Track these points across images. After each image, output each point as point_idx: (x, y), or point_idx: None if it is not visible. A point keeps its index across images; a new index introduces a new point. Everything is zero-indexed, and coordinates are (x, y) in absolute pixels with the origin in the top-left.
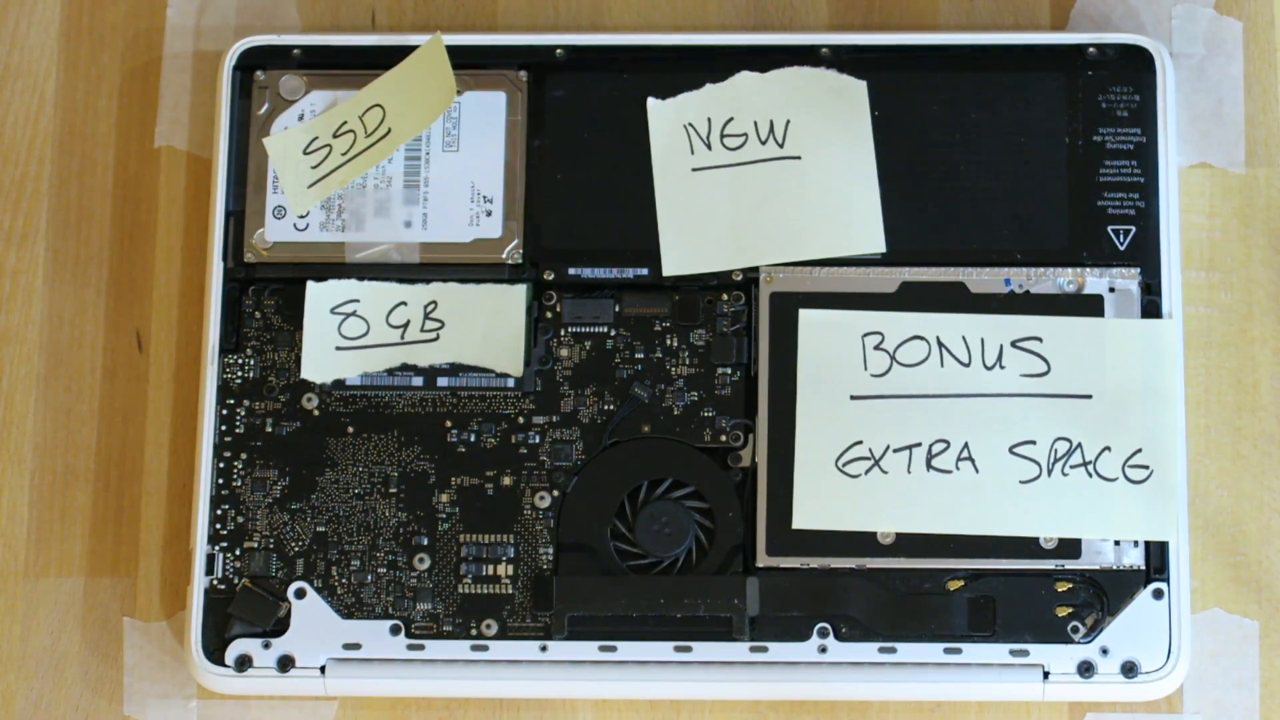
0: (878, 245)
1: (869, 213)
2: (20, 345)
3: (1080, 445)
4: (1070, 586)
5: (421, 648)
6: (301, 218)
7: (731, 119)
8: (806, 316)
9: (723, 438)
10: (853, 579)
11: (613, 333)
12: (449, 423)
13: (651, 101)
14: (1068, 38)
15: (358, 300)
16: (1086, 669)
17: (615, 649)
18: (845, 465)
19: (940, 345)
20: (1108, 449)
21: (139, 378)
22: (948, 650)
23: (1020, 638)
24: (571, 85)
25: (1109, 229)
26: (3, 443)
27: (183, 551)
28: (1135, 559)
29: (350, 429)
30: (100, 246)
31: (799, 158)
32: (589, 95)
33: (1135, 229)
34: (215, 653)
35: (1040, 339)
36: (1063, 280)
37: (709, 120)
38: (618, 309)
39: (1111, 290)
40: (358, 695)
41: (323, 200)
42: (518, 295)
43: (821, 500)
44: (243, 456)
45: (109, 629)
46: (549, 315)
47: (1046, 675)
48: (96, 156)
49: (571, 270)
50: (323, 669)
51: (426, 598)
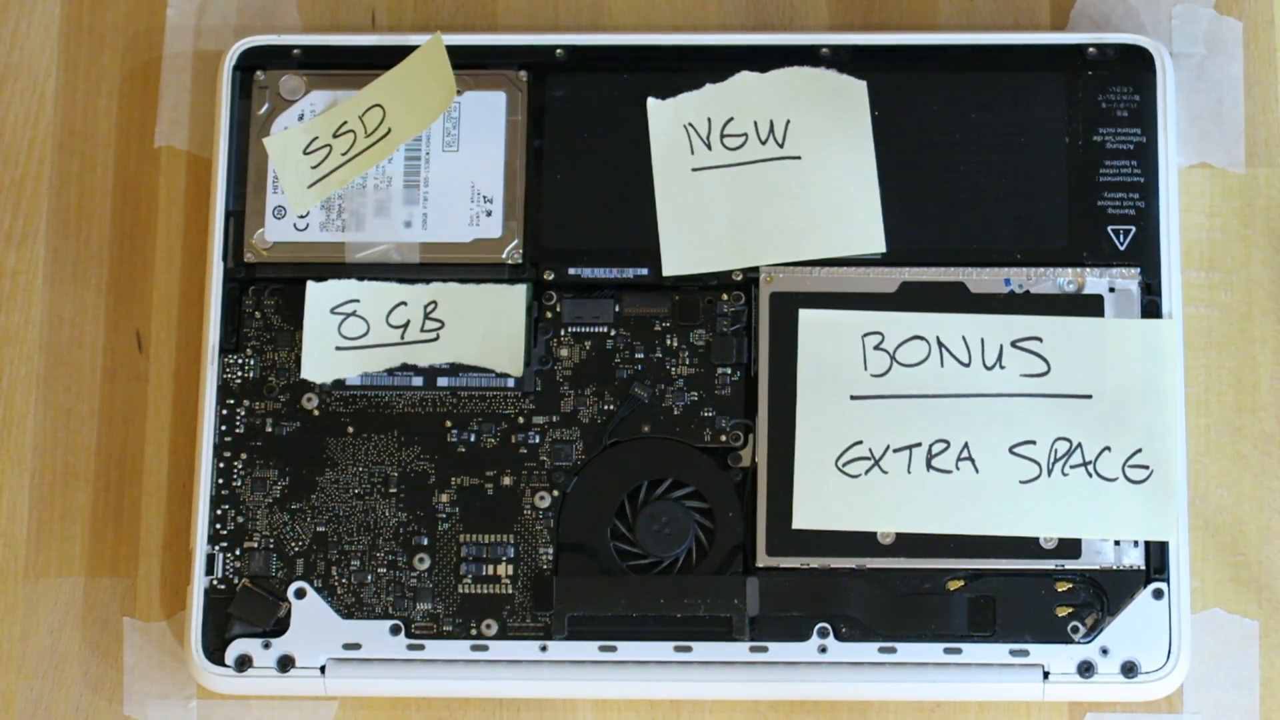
0: (878, 245)
1: (869, 213)
2: (20, 345)
3: (1080, 445)
4: (1070, 586)
5: (421, 648)
6: (301, 218)
7: (731, 119)
8: (806, 316)
9: (723, 438)
10: (853, 579)
11: (613, 333)
12: (449, 423)
13: (651, 101)
14: (1068, 38)
15: (358, 300)
16: (1086, 669)
17: (615, 649)
18: (845, 465)
19: (940, 345)
20: (1108, 449)
21: (139, 378)
22: (948, 650)
23: (1020, 638)
24: (571, 85)
25: (1109, 229)
26: (3, 443)
27: (183, 551)
28: (1135, 559)
29: (350, 429)
30: (100, 246)
31: (799, 158)
32: (589, 95)
33: (1135, 229)
34: (215, 653)
35: (1040, 339)
36: (1063, 280)
37: (709, 120)
38: (618, 309)
39: (1111, 290)
40: (358, 695)
41: (323, 200)
42: (518, 295)
43: (821, 500)
44: (243, 456)
45: (109, 629)
46: (549, 315)
47: (1046, 675)
48: (96, 156)
49: (571, 270)
50: (323, 669)
51: (426, 598)
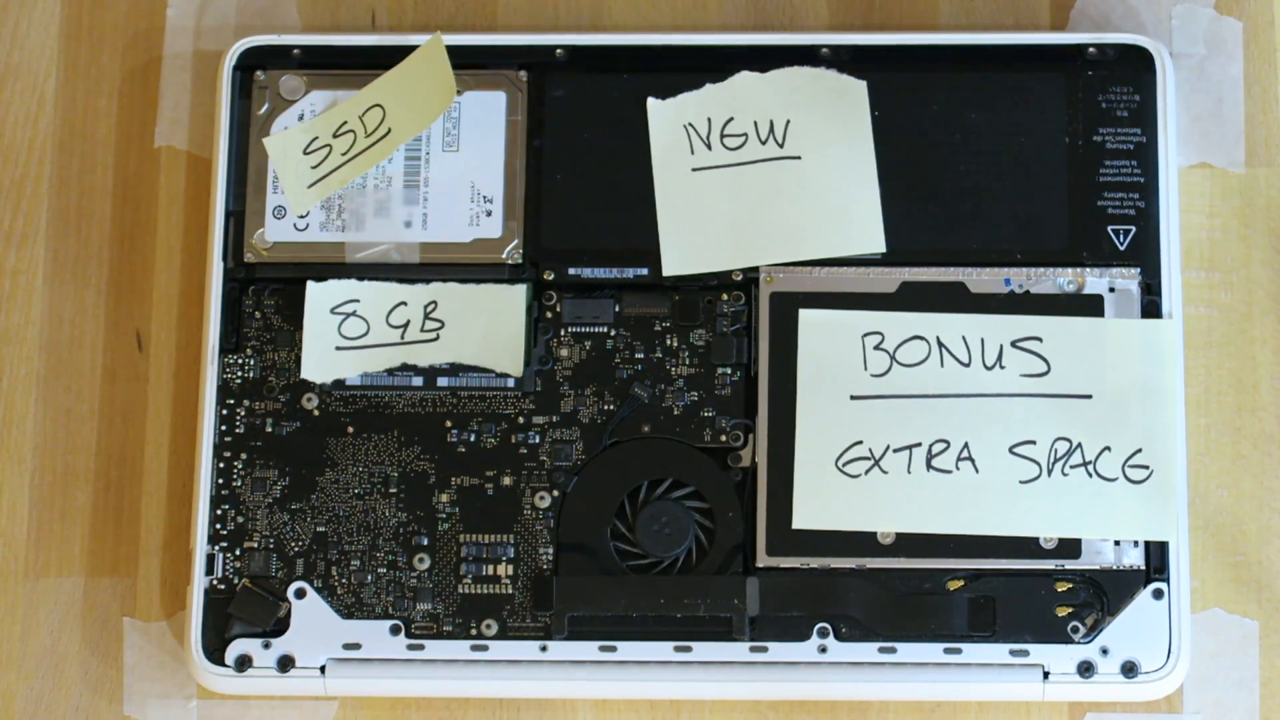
0: (878, 245)
1: (869, 213)
2: (20, 345)
3: (1080, 445)
4: (1070, 586)
5: (421, 648)
6: (301, 218)
7: (731, 119)
8: (806, 316)
9: (723, 438)
10: (853, 579)
11: (613, 333)
12: (449, 423)
13: (651, 101)
14: (1068, 38)
15: (358, 300)
16: (1086, 669)
17: (615, 649)
18: (845, 465)
19: (940, 345)
20: (1108, 449)
21: (139, 378)
22: (948, 650)
23: (1020, 638)
24: (571, 85)
25: (1109, 229)
26: (3, 443)
27: (183, 551)
28: (1135, 559)
29: (350, 429)
30: (100, 246)
31: (799, 158)
32: (589, 95)
33: (1135, 229)
34: (215, 653)
35: (1040, 339)
36: (1063, 280)
37: (709, 120)
38: (618, 309)
39: (1111, 290)
40: (358, 695)
41: (323, 200)
42: (518, 295)
43: (821, 500)
44: (243, 456)
45: (109, 629)
46: (549, 315)
47: (1046, 675)
48: (96, 156)
49: (571, 270)
50: (323, 669)
51: (426, 598)
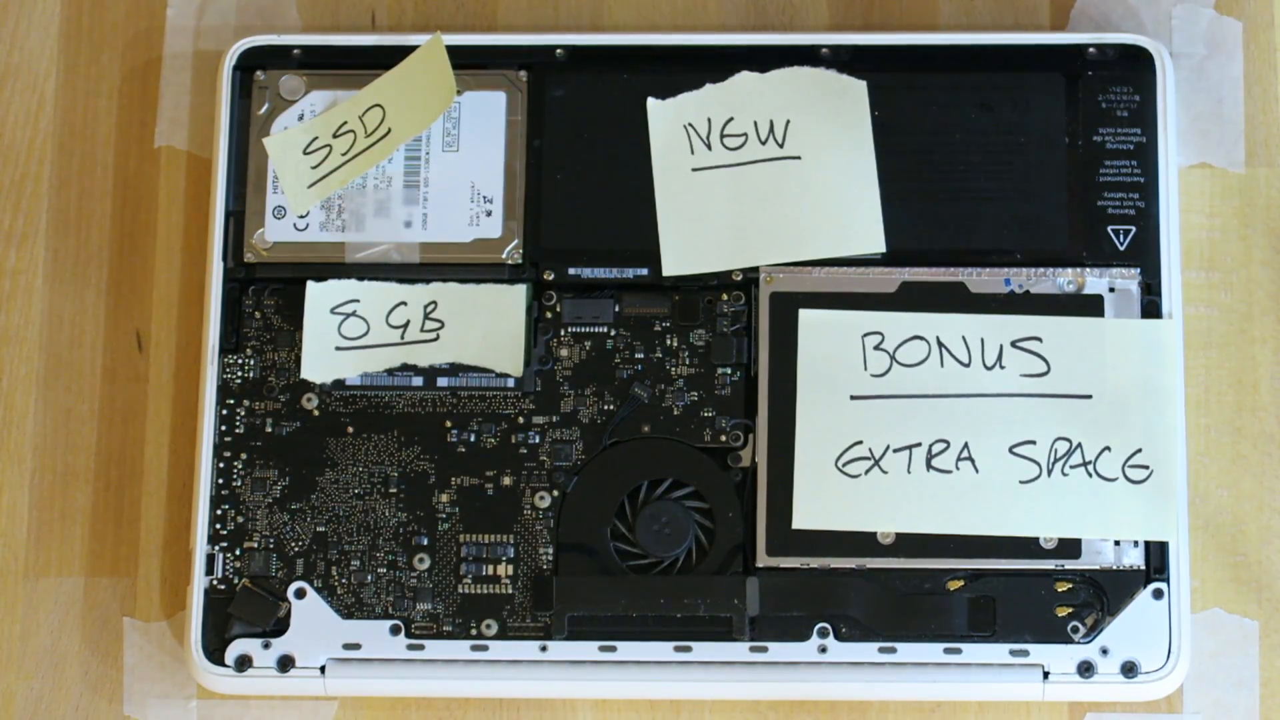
0: (878, 245)
1: (869, 213)
2: (20, 345)
3: (1080, 445)
4: (1070, 586)
5: (421, 648)
6: (301, 218)
7: (731, 119)
8: (806, 316)
9: (723, 438)
10: (853, 579)
11: (613, 333)
12: (449, 423)
13: (651, 101)
14: (1067, 38)
15: (358, 300)
16: (1086, 669)
17: (615, 649)
18: (845, 465)
19: (940, 345)
20: (1108, 449)
21: (139, 378)
22: (948, 650)
23: (1020, 638)
24: (571, 85)
25: (1109, 229)
26: (3, 443)
27: (183, 551)
28: (1135, 559)
29: (350, 429)
30: (100, 246)
31: (799, 158)
32: (589, 95)
33: (1135, 229)
34: (215, 653)
35: (1040, 339)
36: (1063, 280)
37: (709, 120)
38: (618, 309)
39: (1111, 290)
40: (358, 695)
41: (323, 200)
42: (518, 295)
43: (821, 500)
44: (243, 456)
45: (109, 629)
46: (549, 315)
47: (1046, 675)
48: (96, 156)
49: (571, 270)
50: (323, 669)
51: (426, 598)
